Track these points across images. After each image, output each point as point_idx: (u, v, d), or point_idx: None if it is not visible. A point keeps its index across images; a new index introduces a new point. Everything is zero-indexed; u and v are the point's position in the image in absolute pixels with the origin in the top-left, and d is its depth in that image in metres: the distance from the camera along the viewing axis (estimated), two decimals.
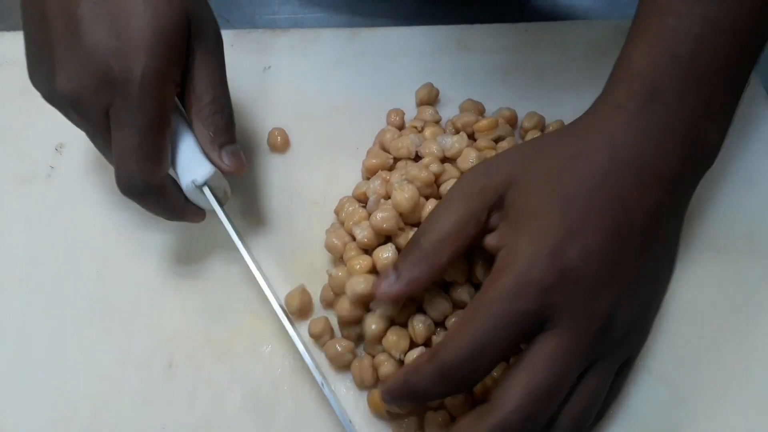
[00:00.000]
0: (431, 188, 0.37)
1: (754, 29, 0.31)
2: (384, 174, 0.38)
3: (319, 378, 0.33)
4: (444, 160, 0.38)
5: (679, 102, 0.30)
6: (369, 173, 0.40)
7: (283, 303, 0.35)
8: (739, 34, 0.31)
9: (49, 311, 0.38)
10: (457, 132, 0.39)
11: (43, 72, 0.32)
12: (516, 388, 0.27)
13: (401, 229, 0.35)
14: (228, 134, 0.34)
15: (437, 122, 0.41)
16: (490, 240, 0.30)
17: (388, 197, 0.37)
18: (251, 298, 0.37)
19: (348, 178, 0.41)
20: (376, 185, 0.38)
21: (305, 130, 0.43)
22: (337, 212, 0.39)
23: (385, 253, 0.33)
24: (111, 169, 0.41)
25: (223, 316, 0.37)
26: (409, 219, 0.36)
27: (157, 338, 0.36)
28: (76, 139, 0.43)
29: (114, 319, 0.37)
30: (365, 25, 0.48)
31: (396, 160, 0.40)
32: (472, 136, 0.40)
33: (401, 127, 0.42)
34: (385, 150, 0.40)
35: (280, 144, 0.42)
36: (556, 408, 0.28)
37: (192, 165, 0.32)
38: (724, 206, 0.40)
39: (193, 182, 0.32)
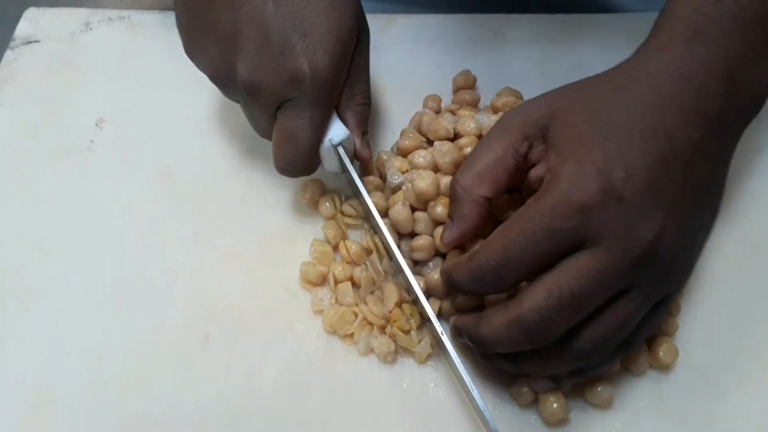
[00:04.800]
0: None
1: None
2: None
3: (438, 327, 0.32)
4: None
5: (721, 43, 0.30)
6: (402, 154, 0.40)
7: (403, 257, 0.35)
8: None
9: (87, 282, 0.38)
10: (496, 113, 0.39)
11: (215, 53, 0.34)
12: (541, 290, 0.28)
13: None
14: (367, 124, 0.37)
15: (475, 104, 0.42)
16: (535, 171, 0.31)
17: (404, 171, 0.38)
18: (287, 276, 0.38)
19: None
20: (393, 161, 0.38)
21: None
22: None
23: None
24: (148, 145, 0.43)
25: (259, 293, 0.37)
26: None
27: (193, 312, 0.37)
28: (115, 115, 0.44)
29: (151, 291, 0.38)
30: (402, 11, 0.48)
31: (430, 143, 0.40)
32: None
33: (438, 113, 0.42)
34: (421, 133, 0.40)
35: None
36: (578, 321, 0.29)
37: (331, 128, 0.35)
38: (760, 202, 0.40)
39: (330, 141, 0.35)
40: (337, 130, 0.35)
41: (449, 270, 0.31)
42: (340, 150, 0.35)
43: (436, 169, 0.37)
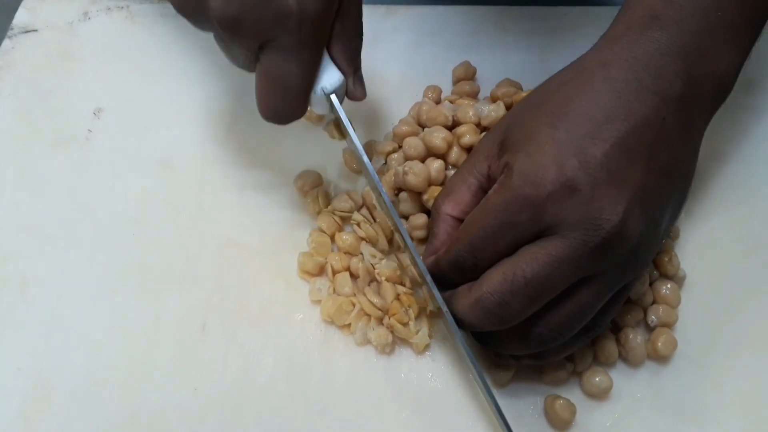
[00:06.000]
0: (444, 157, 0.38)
1: None
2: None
3: (444, 307, 0.32)
4: (481, 129, 0.38)
5: (679, 27, 0.30)
6: (399, 141, 0.40)
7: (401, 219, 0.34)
8: None
9: (85, 272, 0.38)
10: (495, 102, 0.39)
11: None
12: (497, 273, 0.29)
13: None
14: (359, 59, 0.34)
15: (475, 95, 0.42)
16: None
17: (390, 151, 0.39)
18: (285, 266, 0.38)
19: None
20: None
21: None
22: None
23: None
24: (146, 134, 0.42)
25: (257, 283, 0.37)
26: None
27: (190, 302, 0.37)
28: (113, 104, 0.44)
29: (149, 280, 0.38)
30: (402, 2, 0.48)
31: None
32: (510, 108, 0.40)
33: (438, 103, 0.42)
34: (420, 123, 0.40)
35: (315, 117, 0.42)
36: (537, 307, 0.29)
37: (322, 73, 0.32)
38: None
39: (322, 89, 0.32)
40: (330, 76, 0.32)
41: (433, 266, 0.32)
42: (333, 99, 0.33)
43: (425, 157, 0.38)
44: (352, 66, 0.33)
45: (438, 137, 0.37)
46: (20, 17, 0.47)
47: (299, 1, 0.28)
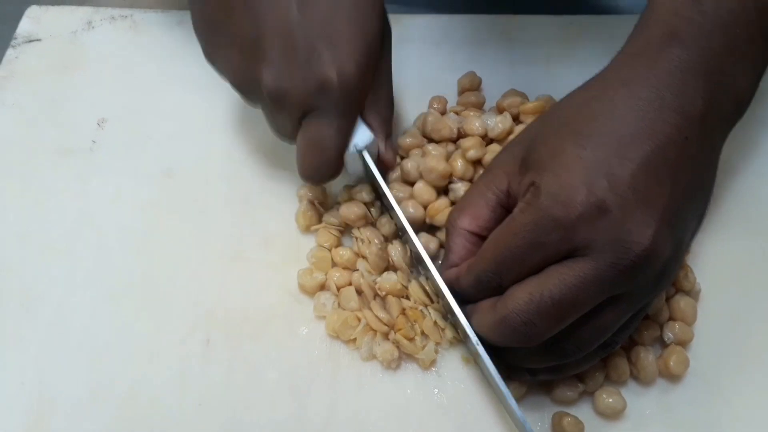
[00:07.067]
0: (445, 180, 0.37)
1: None
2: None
3: (464, 321, 0.32)
4: (487, 142, 0.38)
5: (699, 45, 0.30)
6: (404, 152, 0.40)
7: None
8: None
9: (88, 284, 0.38)
10: (501, 113, 0.39)
11: (238, 60, 0.33)
12: (524, 292, 0.29)
13: None
14: (390, 126, 0.37)
15: (480, 105, 0.41)
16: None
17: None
18: (289, 280, 0.37)
19: None
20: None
21: None
22: None
23: None
24: (150, 145, 0.42)
25: (261, 297, 0.37)
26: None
27: (194, 316, 0.37)
28: (117, 115, 0.44)
29: (152, 293, 0.37)
30: (407, 12, 0.48)
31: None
32: (516, 120, 0.40)
33: (443, 114, 0.42)
34: (426, 135, 0.40)
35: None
36: (562, 327, 0.29)
37: (355, 133, 0.35)
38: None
39: (354, 146, 0.35)
40: (362, 135, 0.35)
41: (453, 282, 0.32)
42: (365, 155, 0.35)
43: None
44: (384, 132, 0.36)
45: (436, 175, 0.37)
46: (24, 27, 0.47)
47: (340, 73, 0.32)
